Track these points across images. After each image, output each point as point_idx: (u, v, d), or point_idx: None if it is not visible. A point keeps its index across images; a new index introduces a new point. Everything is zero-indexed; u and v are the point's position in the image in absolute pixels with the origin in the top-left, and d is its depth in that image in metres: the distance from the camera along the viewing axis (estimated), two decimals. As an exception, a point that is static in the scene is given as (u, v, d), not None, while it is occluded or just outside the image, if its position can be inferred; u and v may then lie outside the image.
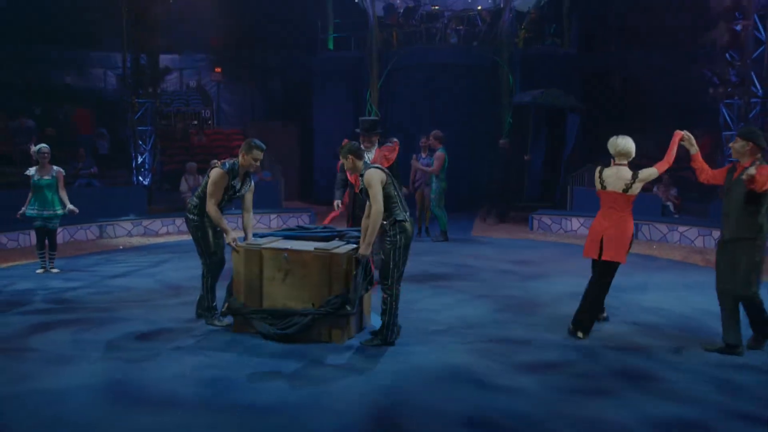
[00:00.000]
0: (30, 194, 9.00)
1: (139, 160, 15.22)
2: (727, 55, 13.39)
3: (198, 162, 14.79)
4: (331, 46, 18.66)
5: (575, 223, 13.18)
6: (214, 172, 6.36)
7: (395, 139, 9.00)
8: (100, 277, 9.01)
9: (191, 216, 6.55)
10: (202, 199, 6.45)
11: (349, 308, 5.96)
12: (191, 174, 14.21)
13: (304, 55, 18.54)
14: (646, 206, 12.94)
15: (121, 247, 11.55)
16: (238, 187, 6.50)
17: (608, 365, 5.59)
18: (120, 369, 5.43)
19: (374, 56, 17.07)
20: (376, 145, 8.06)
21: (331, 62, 18.28)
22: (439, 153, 11.44)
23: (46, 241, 9.11)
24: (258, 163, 6.51)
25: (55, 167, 9.12)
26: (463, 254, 10.65)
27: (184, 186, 14.16)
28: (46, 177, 8.94)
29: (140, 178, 15.22)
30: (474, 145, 16.36)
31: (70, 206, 9.08)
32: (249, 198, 6.66)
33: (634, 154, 6.18)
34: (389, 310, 6.01)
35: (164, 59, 15.51)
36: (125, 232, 12.78)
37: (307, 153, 18.68)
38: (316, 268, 6.02)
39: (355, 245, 6.18)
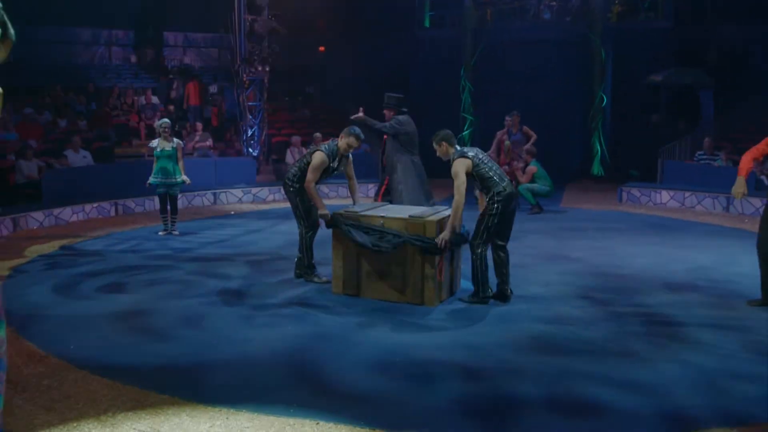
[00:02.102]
0: (154, 164, 9.36)
1: (249, 132, 15.61)
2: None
3: (302, 135, 15.01)
4: (427, 23, 18.43)
5: (665, 196, 12.54)
6: (317, 156, 6.50)
7: None
8: (214, 238, 9.34)
9: (290, 183, 6.70)
10: (303, 170, 6.61)
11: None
12: (296, 147, 14.43)
13: (402, 33, 18.39)
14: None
15: (232, 213, 11.90)
16: (335, 166, 6.67)
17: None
18: (223, 322, 5.64)
19: (469, 33, 16.75)
20: None
21: (427, 40, 18.08)
22: (531, 167, 11.34)
23: (168, 206, 9.51)
24: (352, 150, 6.68)
25: (175, 139, 9.43)
26: (563, 227, 10.22)
27: (290, 158, 14.40)
28: (167, 148, 9.26)
29: (250, 149, 15.62)
30: (565, 119, 15.84)
31: (184, 176, 9.39)
32: (350, 168, 6.86)
33: None
34: (476, 269, 5.99)
35: (271, 40, 15.72)
36: (236, 199, 13.16)
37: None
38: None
39: (447, 214, 6.13)
